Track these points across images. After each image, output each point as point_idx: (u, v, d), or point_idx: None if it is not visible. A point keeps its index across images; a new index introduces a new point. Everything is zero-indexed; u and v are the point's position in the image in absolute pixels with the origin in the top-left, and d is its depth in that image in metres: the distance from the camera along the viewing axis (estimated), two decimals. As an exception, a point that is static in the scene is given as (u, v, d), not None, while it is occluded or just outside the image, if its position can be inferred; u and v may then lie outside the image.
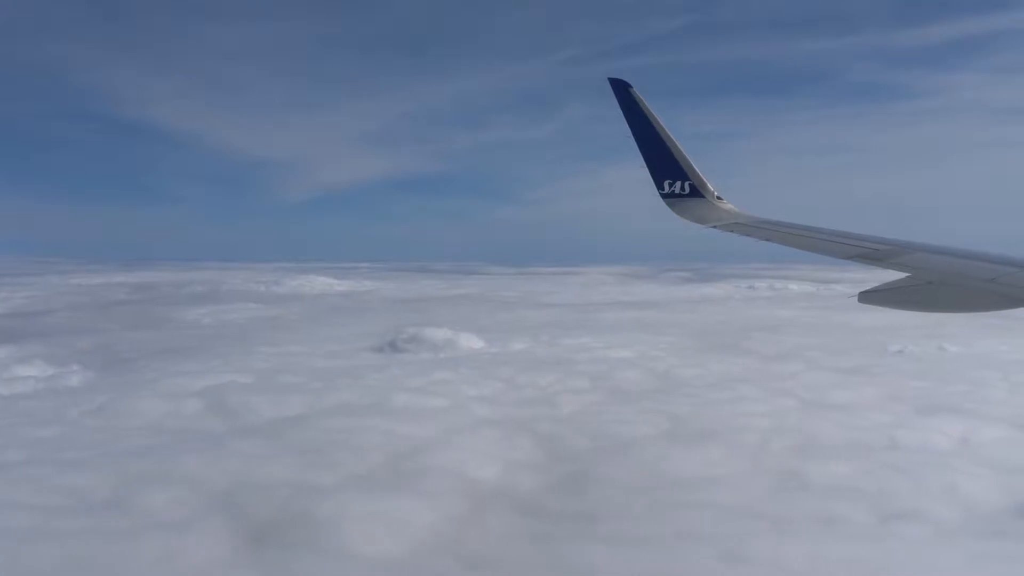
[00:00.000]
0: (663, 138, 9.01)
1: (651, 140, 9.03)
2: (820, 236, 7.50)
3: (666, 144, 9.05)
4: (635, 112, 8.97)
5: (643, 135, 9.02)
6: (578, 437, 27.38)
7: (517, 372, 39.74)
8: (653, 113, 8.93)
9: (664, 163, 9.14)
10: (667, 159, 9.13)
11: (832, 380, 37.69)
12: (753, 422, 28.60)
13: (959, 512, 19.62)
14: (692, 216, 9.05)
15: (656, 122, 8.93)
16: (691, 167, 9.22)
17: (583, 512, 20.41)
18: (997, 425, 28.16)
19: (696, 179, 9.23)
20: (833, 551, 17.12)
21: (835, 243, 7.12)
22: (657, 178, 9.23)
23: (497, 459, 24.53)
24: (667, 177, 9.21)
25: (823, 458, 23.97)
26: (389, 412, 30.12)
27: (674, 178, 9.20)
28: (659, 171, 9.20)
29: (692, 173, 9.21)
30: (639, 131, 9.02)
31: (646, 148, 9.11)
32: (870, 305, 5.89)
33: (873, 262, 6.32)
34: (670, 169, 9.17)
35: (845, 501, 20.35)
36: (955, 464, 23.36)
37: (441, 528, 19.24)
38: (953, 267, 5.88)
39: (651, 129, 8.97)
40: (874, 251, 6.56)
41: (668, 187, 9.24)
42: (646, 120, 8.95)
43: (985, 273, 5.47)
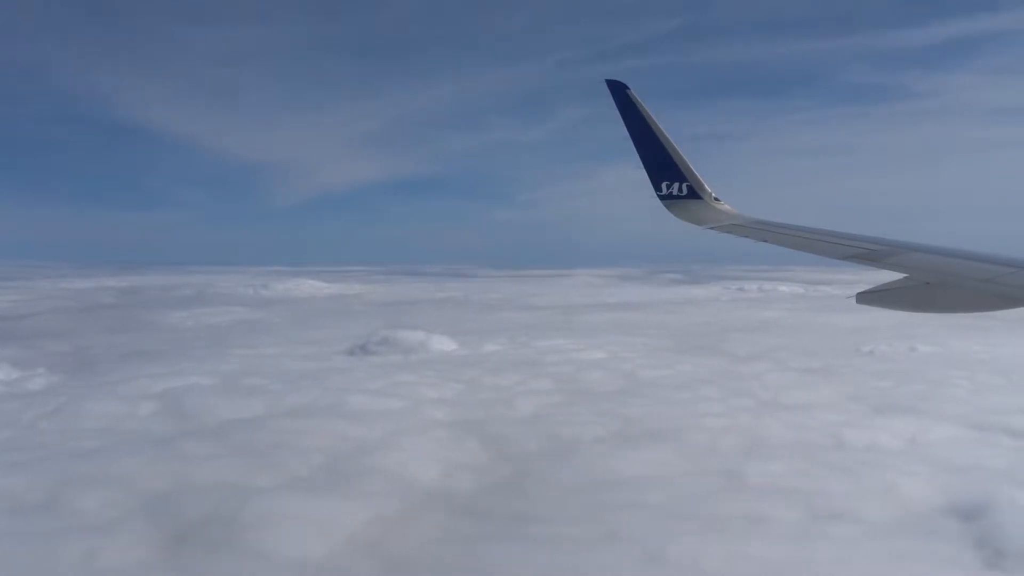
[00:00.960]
0: (660, 139, 9.04)
1: (648, 141, 9.06)
2: (817, 237, 7.53)
3: (663, 145, 9.08)
4: (632, 113, 8.99)
5: (640, 137, 9.05)
6: (528, 438, 27.30)
7: (482, 374, 39.69)
8: (650, 114, 8.98)
9: (662, 164, 9.17)
10: (664, 160, 9.15)
11: (795, 380, 37.67)
12: (706, 422, 28.56)
13: (892, 511, 19.56)
14: (690, 217, 9.10)
15: (653, 123, 8.97)
16: (688, 168, 9.23)
17: (517, 513, 20.34)
18: (949, 425, 28.12)
19: (693, 180, 9.26)
20: (754, 551, 17.04)
21: (832, 244, 7.15)
22: (655, 179, 9.26)
23: (441, 461, 24.47)
24: (664, 179, 9.24)
25: (766, 458, 23.91)
26: (343, 414, 30.07)
27: (672, 179, 9.22)
28: (656, 172, 9.23)
29: (689, 174, 9.24)
30: (636, 133, 9.05)
31: (643, 150, 9.13)
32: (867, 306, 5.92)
33: (870, 263, 6.33)
34: (667, 171, 9.20)
35: (779, 501, 20.28)
36: (898, 464, 23.31)
37: (368, 530, 19.15)
38: (950, 267, 5.88)
39: (648, 131, 9.00)
40: (871, 252, 6.58)
41: (666, 189, 9.26)
42: (643, 121, 8.98)
43: (982, 273, 5.46)
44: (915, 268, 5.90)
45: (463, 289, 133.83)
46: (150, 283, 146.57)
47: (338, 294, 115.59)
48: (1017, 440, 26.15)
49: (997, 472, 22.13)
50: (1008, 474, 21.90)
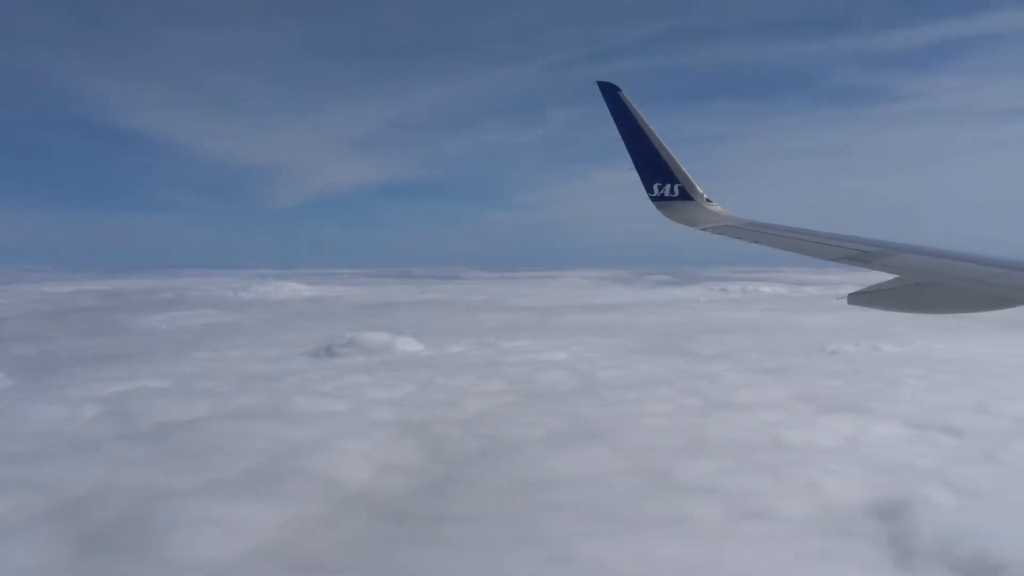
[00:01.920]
0: (652, 141, 9.02)
1: (640, 143, 9.05)
2: (808, 238, 7.49)
3: (655, 147, 9.06)
4: (624, 115, 8.98)
5: (632, 138, 9.04)
6: (468, 440, 27.13)
7: (438, 375, 39.50)
8: (642, 116, 8.97)
9: (654, 166, 9.15)
10: (656, 162, 9.13)
11: (750, 380, 37.57)
12: (649, 422, 28.43)
13: (811, 510, 19.41)
14: (682, 219, 9.08)
15: (645, 125, 8.93)
16: (680, 170, 9.22)
17: (438, 515, 20.11)
18: (891, 424, 28.02)
19: (685, 182, 9.24)
20: (662, 551, 16.86)
21: (823, 245, 7.11)
22: (647, 181, 9.23)
23: (373, 462, 24.26)
24: (657, 180, 9.22)
25: (699, 458, 23.76)
26: (285, 416, 29.84)
27: (664, 181, 9.20)
28: (649, 174, 9.21)
29: (681, 176, 9.22)
30: (628, 134, 9.04)
31: (635, 151, 9.12)
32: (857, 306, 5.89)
33: (861, 263, 6.30)
34: (660, 172, 9.18)
35: (702, 501, 20.12)
36: (829, 463, 23.15)
37: (282, 532, 18.92)
38: (941, 268, 5.85)
39: (640, 132, 8.99)
40: (862, 252, 6.55)
41: (658, 190, 9.24)
42: (635, 123, 8.97)
43: (973, 274, 5.43)
44: (906, 269, 5.90)
45: (449, 291, 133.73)
46: (135, 287, 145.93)
47: (319, 296, 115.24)
48: (955, 439, 26.07)
49: (925, 471, 22.01)
50: (935, 473, 21.78)
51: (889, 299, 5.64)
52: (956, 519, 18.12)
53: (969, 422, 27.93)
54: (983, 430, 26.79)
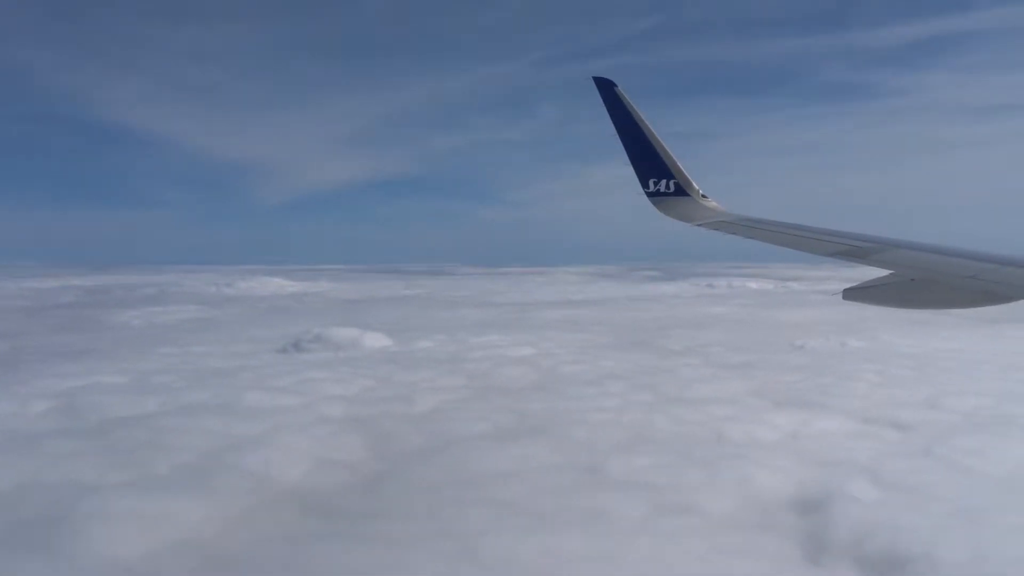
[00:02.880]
0: (648, 136, 8.98)
1: (636, 139, 9.01)
2: (803, 233, 7.49)
3: (651, 143, 9.03)
4: (620, 111, 8.93)
5: (628, 134, 9.00)
6: (413, 435, 26.99)
7: (398, 370, 39.39)
8: (638, 112, 8.92)
9: (649, 162, 9.12)
10: (652, 158, 9.09)
11: (710, 375, 37.50)
12: (595, 417, 28.30)
13: (736, 506, 19.32)
14: (677, 214, 9.04)
15: (641, 121, 8.91)
16: (676, 165, 9.18)
17: (365, 511, 20.00)
18: (839, 418, 27.97)
19: (681, 177, 9.21)
20: (573, 546, 16.75)
21: (818, 240, 7.11)
22: (642, 177, 9.19)
23: (311, 458, 24.09)
24: (652, 176, 9.18)
25: (636, 453, 23.63)
26: (233, 411, 29.64)
27: (659, 176, 9.17)
28: (644, 170, 9.17)
29: (677, 171, 9.18)
30: (624, 130, 8.99)
31: (631, 146, 9.08)
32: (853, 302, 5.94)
33: (855, 259, 6.28)
34: (655, 168, 9.14)
35: (628, 496, 20.01)
36: (765, 457, 23.06)
37: (202, 528, 18.74)
38: (935, 264, 5.85)
39: (636, 128, 8.95)
40: (857, 248, 6.53)
41: (653, 186, 9.20)
42: (631, 119, 8.92)
43: (966, 270, 5.41)
44: (900, 265, 5.90)
45: (434, 287, 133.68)
46: (119, 282, 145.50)
47: (301, 292, 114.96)
48: (900, 433, 26.02)
49: (858, 466, 21.93)
50: (868, 468, 21.70)
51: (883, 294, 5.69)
52: (875, 514, 18.07)
53: (917, 417, 27.90)
54: (929, 425, 26.77)
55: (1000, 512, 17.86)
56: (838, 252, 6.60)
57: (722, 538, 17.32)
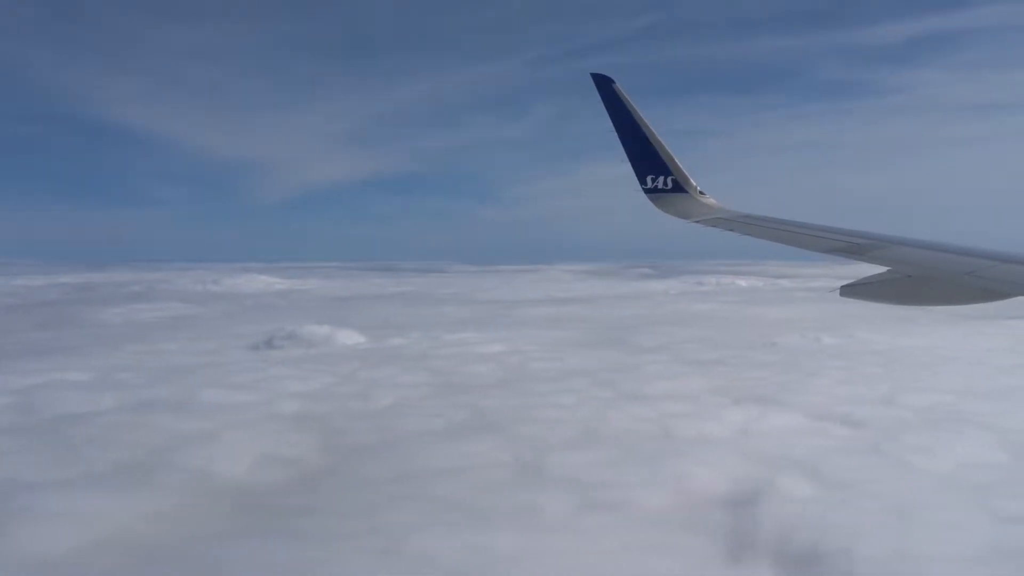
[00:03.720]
0: (646, 133, 8.96)
1: (634, 135, 8.99)
2: (801, 230, 7.47)
3: (649, 140, 9.01)
4: (618, 108, 8.90)
5: (626, 130, 8.98)
6: (363, 432, 26.84)
7: (364, 367, 39.27)
8: (636, 109, 8.90)
9: (647, 159, 9.11)
10: (650, 155, 9.08)
11: (675, 372, 37.37)
12: (548, 414, 28.14)
13: (668, 502, 19.18)
14: (675, 211, 9.04)
15: (639, 117, 8.88)
16: (674, 162, 9.17)
17: (300, 507, 19.84)
18: (792, 414, 27.84)
19: (679, 174, 9.20)
20: (495, 543, 16.60)
21: (816, 237, 7.13)
22: (640, 173, 9.18)
23: (255, 455, 23.91)
24: (650, 172, 9.17)
25: (580, 449, 23.51)
26: (186, 408, 29.45)
27: (657, 173, 9.16)
28: (642, 167, 9.16)
29: (675, 168, 9.17)
30: (622, 127, 8.97)
31: (629, 143, 9.06)
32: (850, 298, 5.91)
33: (853, 256, 6.28)
34: (653, 165, 9.13)
35: (562, 492, 19.86)
36: (709, 454, 22.92)
37: (133, 525, 18.59)
38: (932, 261, 5.85)
39: (634, 125, 8.93)
40: (854, 245, 6.54)
41: (651, 182, 9.20)
42: (629, 116, 8.90)
43: (964, 267, 5.41)
44: (898, 261, 5.89)
45: (424, 284, 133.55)
46: (110, 280, 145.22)
47: (290, 290, 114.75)
48: (851, 430, 25.88)
49: (799, 463, 21.79)
50: (809, 465, 21.55)
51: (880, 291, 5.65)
52: (803, 511, 17.94)
53: (871, 413, 27.77)
54: (881, 421, 26.64)
55: (932, 509, 17.76)
56: (835, 249, 6.61)
57: (644, 535, 17.18)
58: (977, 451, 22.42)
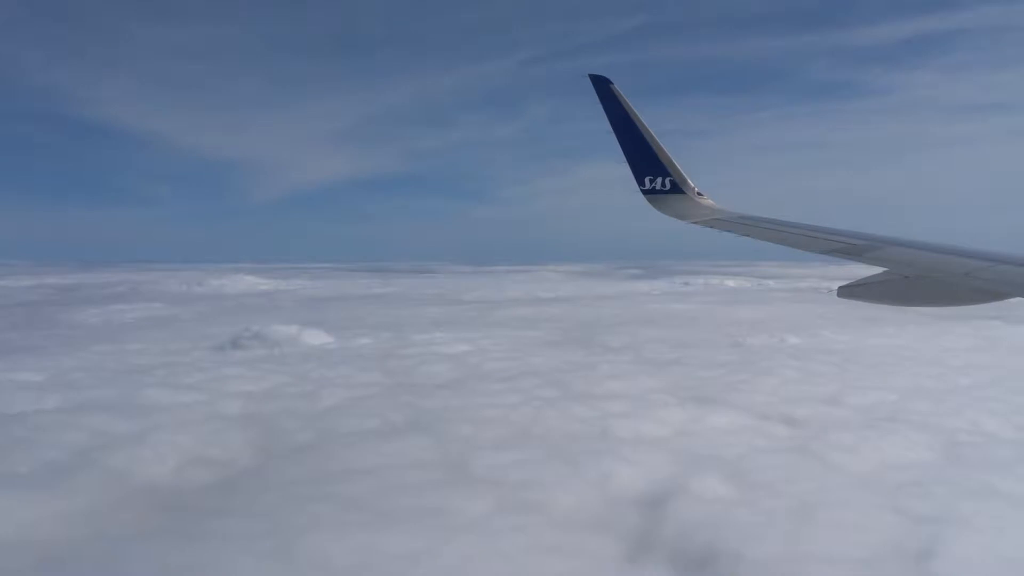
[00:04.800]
0: (644, 134, 8.96)
1: (632, 136, 8.98)
2: (798, 231, 7.50)
3: (647, 141, 9.01)
4: (616, 109, 8.88)
5: (623, 131, 8.97)
6: (300, 432, 26.61)
7: (321, 367, 39.07)
8: (633, 109, 8.88)
9: (645, 160, 9.11)
10: (648, 156, 9.09)
11: (632, 371, 37.19)
12: (487, 414, 27.94)
13: (583, 503, 18.98)
14: (673, 212, 9.06)
15: (637, 118, 8.87)
16: (672, 163, 9.17)
17: (212, 508, 19.61)
18: (735, 414, 27.63)
19: (677, 175, 9.20)
20: (393, 545, 16.38)
21: (812, 238, 7.15)
22: (638, 174, 9.18)
23: (182, 455, 23.70)
24: (648, 173, 9.17)
25: (509, 449, 23.30)
26: (126, 408, 29.18)
27: (655, 174, 9.17)
28: (640, 167, 9.16)
29: (673, 169, 9.18)
30: (620, 127, 8.95)
31: (627, 144, 9.05)
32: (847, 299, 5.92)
33: (850, 256, 6.30)
34: (651, 166, 9.14)
35: (478, 492, 19.66)
36: (638, 454, 22.70)
37: (43, 526, 18.36)
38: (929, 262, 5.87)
39: (632, 125, 8.91)
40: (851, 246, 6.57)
41: (649, 183, 9.20)
42: (627, 116, 8.87)
43: (960, 268, 5.45)
44: (894, 262, 5.93)
45: (410, 285, 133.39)
46: (96, 280, 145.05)
47: (273, 290, 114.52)
48: (789, 429, 25.70)
49: (727, 462, 21.58)
50: (734, 464, 21.38)
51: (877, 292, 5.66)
52: (712, 511, 17.75)
53: (813, 412, 27.62)
54: (820, 421, 26.48)
55: (838, 509, 17.57)
56: (832, 250, 6.60)
57: (549, 536, 16.97)
58: (903, 451, 22.25)
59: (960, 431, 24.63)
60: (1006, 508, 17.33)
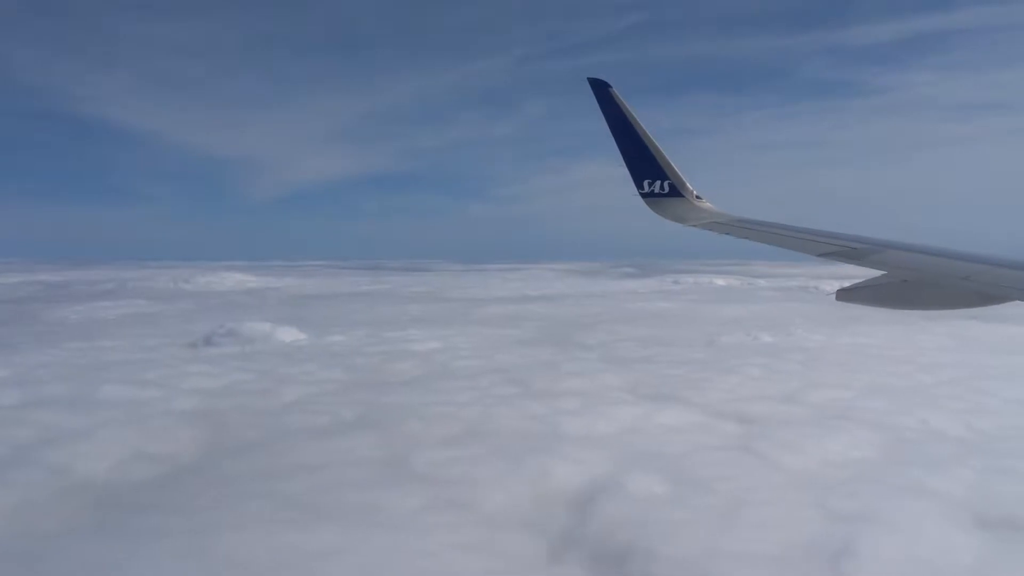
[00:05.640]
0: (642, 138, 9.00)
1: (631, 140, 9.03)
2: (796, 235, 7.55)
3: (645, 144, 9.04)
4: (614, 112, 8.91)
5: (622, 135, 9.01)
6: (249, 428, 26.52)
7: (286, 363, 38.97)
8: (632, 113, 8.92)
9: (644, 163, 9.15)
10: (647, 159, 9.12)
11: (597, 369, 37.12)
12: (439, 411, 27.79)
13: (513, 500, 18.83)
14: (672, 215, 9.14)
15: (635, 122, 8.92)
16: (670, 167, 9.21)
17: (144, 505, 19.48)
18: (688, 412, 27.48)
19: (675, 179, 9.24)
20: (313, 541, 16.24)
21: (811, 241, 7.17)
22: (637, 178, 9.23)
23: (126, 451, 23.56)
24: (647, 177, 9.21)
25: (452, 447, 23.16)
26: (79, 404, 29.09)
27: (654, 178, 9.20)
28: (639, 171, 9.20)
29: (671, 173, 9.22)
30: (618, 131, 9.00)
31: (625, 148, 9.10)
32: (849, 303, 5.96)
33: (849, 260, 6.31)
34: (650, 169, 9.17)
35: (413, 490, 19.51)
36: (580, 452, 22.50)
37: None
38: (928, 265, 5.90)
39: (631, 129, 8.95)
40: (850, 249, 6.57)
41: (648, 187, 9.23)
42: (625, 120, 8.92)
43: (960, 271, 5.45)
44: (894, 265, 5.93)
45: (399, 282, 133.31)
46: (87, 278, 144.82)
47: (261, 288, 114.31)
48: (740, 427, 25.53)
49: (668, 460, 21.43)
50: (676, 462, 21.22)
51: (876, 295, 5.68)
52: (638, 509, 17.60)
53: (767, 410, 27.50)
54: (772, 418, 26.35)
55: (764, 506, 17.44)
56: (831, 253, 6.59)
57: (473, 534, 16.82)
58: (845, 449, 22.10)
59: (908, 429, 24.49)
60: (930, 507, 17.19)
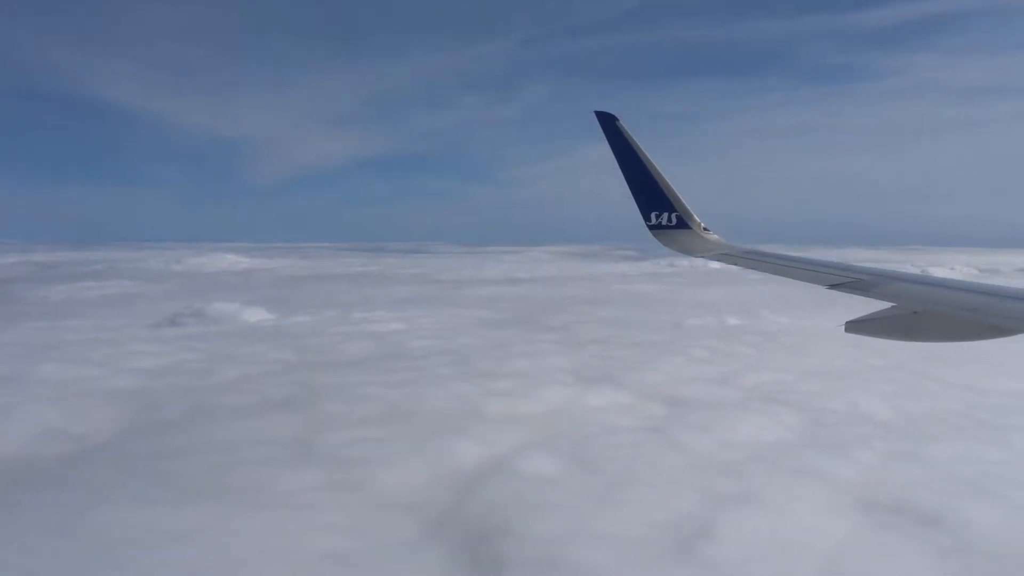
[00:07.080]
0: (650, 170, 9.06)
1: (638, 172, 9.09)
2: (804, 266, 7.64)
3: (652, 176, 9.11)
4: (622, 145, 8.97)
5: (630, 167, 9.07)
6: (177, 407, 26.29)
7: (240, 343, 38.91)
8: (639, 145, 8.99)
9: (651, 195, 9.24)
10: (654, 191, 9.21)
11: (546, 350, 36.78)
12: (371, 391, 27.61)
13: (406, 481, 18.65)
14: (679, 247, 9.25)
15: (642, 154, 8.98)
16: (678, 199, 9.29)
17: (41, 481, 19.43)
18: (620, 393, 27.22)
19: (683, 211, 9.33)
20: (182, 519, 16.09)
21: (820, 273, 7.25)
22: (644, 210, 9.34)
23: (42, 429, 23.48)
24: (654, 209, 9.31)
25: (363, 427, 22.98)
26: (9, 382, 29.09)
27: (661, 210, 9.30)
28: (646, 203, 9.30)
29: (679, 205, 9.30)
30: (626, 164, 9.07)
31: (633, 180, 9.18)
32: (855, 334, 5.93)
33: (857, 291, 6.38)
34: (657, 201, 9.27)
35: (311, 470, 19.36)
36: (491, 432, 22.21)
37: None
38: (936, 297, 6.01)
39: (638, 161, 9.01)
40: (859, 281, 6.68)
41: (655, 219, 9.34)
42: (633, 153, 8.98)
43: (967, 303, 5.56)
44: (902, 297, 6.01)
45: (393, 264, 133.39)
46: (80, 259, 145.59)
47: (252, 269, 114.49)
48: (666, 408, 25.27)
49: (574, 440, 21.22)
50: (582, 443, 20.99)
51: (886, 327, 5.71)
52: (526, 490, 17.38)
53: (699, 392, 27.30)
54: (700, 400, 26.11)
55: (647, 487, 17.21)
56: (840, 284, 6.64)
57: (353, 514, 16.65)
58: (757, 431, 21.80)
59: (832, 412, 24.16)
60: (812, 490, 16.89)
